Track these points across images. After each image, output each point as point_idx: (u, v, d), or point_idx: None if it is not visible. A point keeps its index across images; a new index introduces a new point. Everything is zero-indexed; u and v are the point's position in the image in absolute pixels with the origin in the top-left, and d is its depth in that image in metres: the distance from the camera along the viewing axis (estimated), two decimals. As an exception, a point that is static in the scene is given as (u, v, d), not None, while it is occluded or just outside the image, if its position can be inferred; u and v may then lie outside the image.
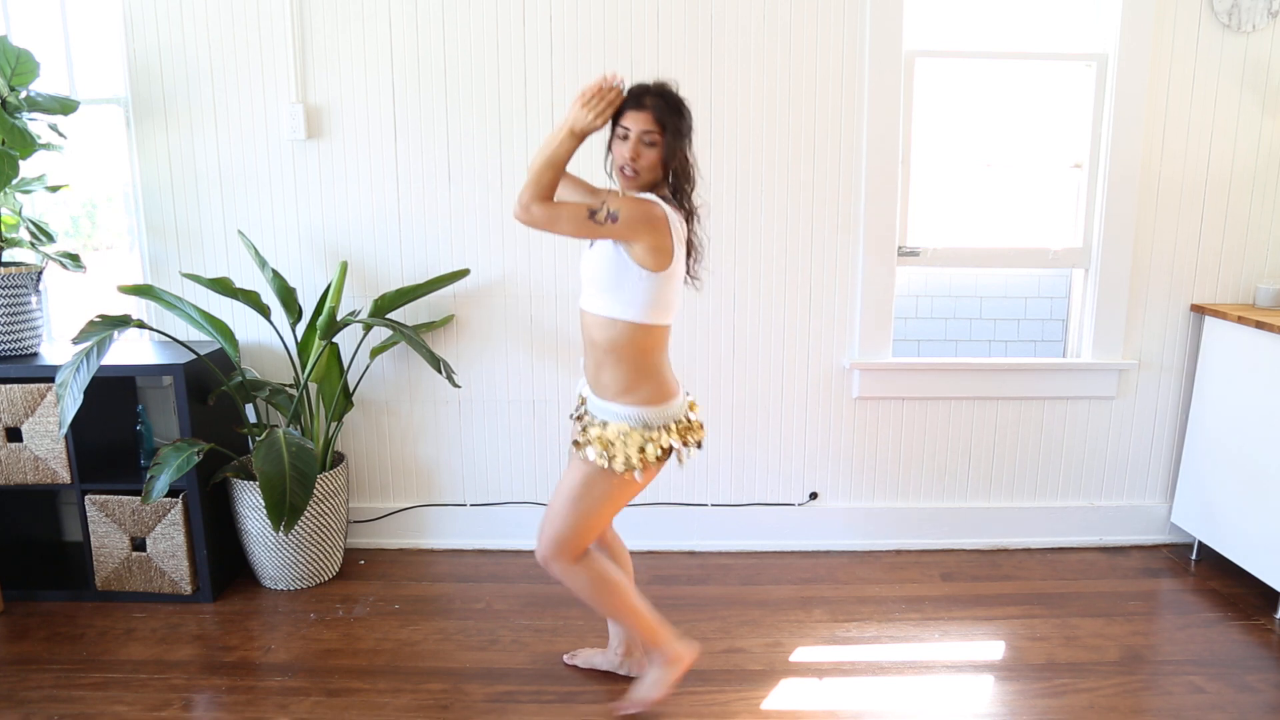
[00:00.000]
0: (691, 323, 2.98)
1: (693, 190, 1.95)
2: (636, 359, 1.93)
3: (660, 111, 1.85)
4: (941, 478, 3.15)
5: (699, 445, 2.04)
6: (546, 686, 2.30)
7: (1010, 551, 3.15)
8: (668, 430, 1.96)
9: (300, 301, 2.88)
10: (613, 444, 1.94)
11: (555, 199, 1.91)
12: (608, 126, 1.90)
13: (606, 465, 1.95)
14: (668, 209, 1.88)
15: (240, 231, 2.90)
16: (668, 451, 1.97)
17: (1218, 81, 2.89)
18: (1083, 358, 3.10)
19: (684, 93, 1.92)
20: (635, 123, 1.85)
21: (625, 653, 2.34)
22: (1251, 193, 2.97)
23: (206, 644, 2.50)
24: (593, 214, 1.83)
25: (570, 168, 1.98)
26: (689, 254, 1.99)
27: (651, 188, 1.92)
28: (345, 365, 2.91)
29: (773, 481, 3.13)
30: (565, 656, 2.41)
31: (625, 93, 1.87)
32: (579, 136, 1.87)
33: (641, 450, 1.93)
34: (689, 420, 2.02)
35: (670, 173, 1.91)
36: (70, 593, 2.75)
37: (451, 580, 2.92)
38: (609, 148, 1.94)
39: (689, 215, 1.95)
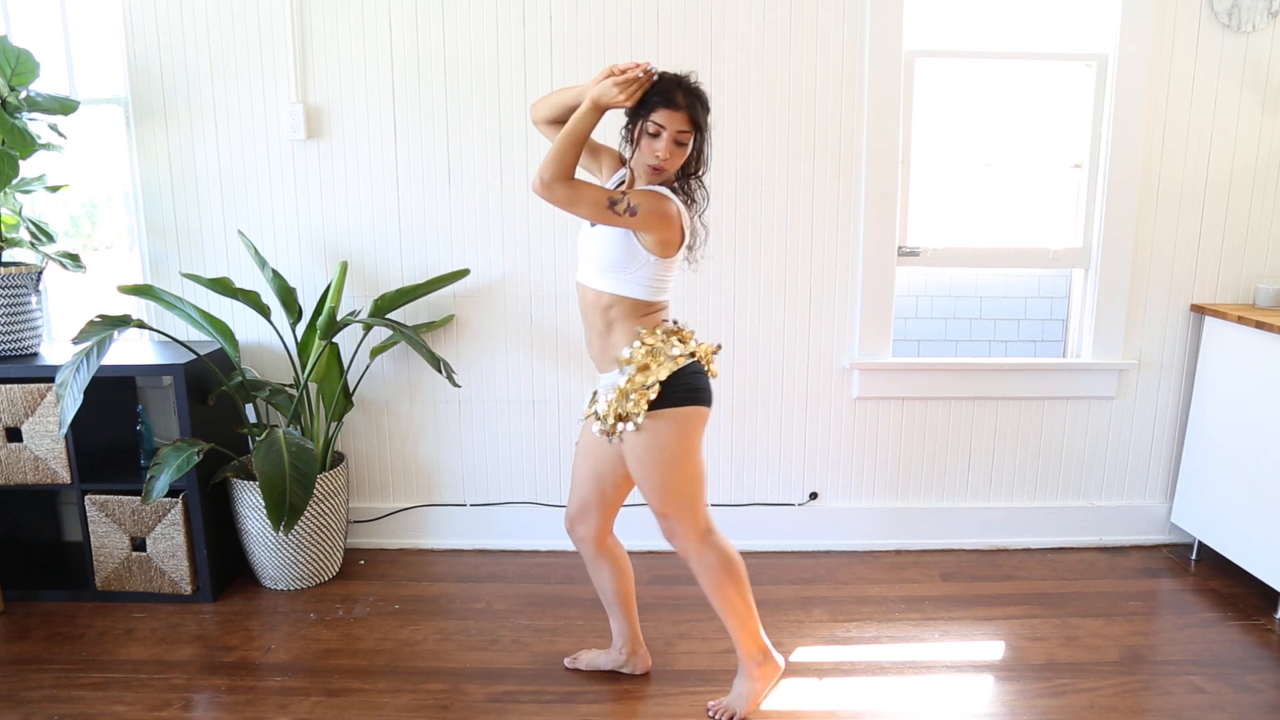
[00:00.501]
0: (692, 323, 2.95)
1: (704, 174, 2.01)
2: (640, 320, 1.99)
3: (695, 112, 1.89)
4: (941, 478, 3.15)
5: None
6: (546, 686, 2.30)
7: (1010, 551, 3.15)
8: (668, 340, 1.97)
9: (300, 301, 2.88)
10: (635, 387, 1.94)
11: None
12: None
13: (644, 411, 1.93)
14: (678, 202, 1.94)
15: (240, 231, 2.90)
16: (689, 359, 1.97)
17: (1218, 81, 2.89)
18: (1083, 358, 3.10)
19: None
20: (670, 122, 1.87)
21: (630, 651, 2.34)
22: (1251, 193, 2.97)
23: (206, 644, 2.50)
24: (613, 204, 1.86)
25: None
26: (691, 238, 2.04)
27: (667, 179, 1.96)
28: (345, 365, 2.91)
29: (773, 481, 3.13)
30: (566, 660, 2.40)
31: (655, 76, 1.89)
32: (602, 111, 1.89)
33: (664, 360, 1.94)
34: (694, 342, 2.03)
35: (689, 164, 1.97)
36: (70, 593, 2.75)
37: (451, 580, 2.92)
38: (633, 139, 1.94)
39: (693, 202, 2.01)
